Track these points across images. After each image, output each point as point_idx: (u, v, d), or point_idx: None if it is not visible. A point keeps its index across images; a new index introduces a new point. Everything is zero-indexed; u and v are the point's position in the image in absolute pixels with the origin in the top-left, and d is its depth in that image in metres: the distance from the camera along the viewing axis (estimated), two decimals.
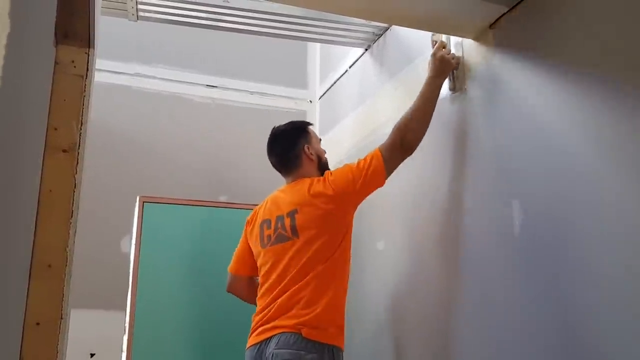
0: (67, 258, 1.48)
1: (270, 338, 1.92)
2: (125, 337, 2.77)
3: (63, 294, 1.47)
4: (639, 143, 1.33)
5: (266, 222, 2.12)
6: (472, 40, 2.01)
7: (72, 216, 1.52)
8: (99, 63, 1.87)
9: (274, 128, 2.23)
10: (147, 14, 2.49)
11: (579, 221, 1.48)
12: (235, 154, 3.20)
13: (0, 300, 0.57)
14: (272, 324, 1.94)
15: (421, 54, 2.32)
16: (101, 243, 2.83)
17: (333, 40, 2.84)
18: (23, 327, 1.35)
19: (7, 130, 0.48)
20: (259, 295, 2.08)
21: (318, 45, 3.52)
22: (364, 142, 2.74)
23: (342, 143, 3.00)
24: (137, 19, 2.49)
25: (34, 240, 1.40)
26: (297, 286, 1.93)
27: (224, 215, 3.08)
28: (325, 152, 2.28)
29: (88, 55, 1.61)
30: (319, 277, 1.93)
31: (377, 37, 2.74)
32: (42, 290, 1.43)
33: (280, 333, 1.89)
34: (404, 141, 1.96)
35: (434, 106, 1.98)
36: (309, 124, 2.28)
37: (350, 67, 3.03)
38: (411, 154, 1.99)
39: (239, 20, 2.58)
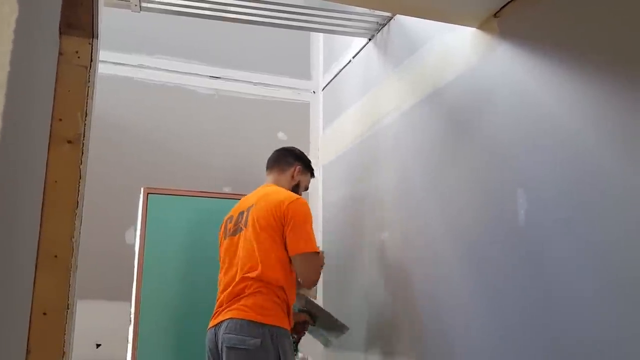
0: (73, 248, 1.49)
1: (221, 323, 2.13)
2: (131, 328, 2.79)
3: (69, 284, 1.48)
4: None
5: (230, 218, 2.43)
6: (476, 29, 2.00)
7: (77, 207, 1.52)
8: (102, 54, 1.87)
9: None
10: (149, 5, 2.48)
11: (585, 210, 1.47)
12: (239, 145, 3.19)
13: (7, 290, 0.57)
14: (224, 310, 2.15)
15: (425, 43, 2.31)
16: (106, 234, 2.83)
17: (336, 30, 2.83)
18: (30, 317, 1.35)
19: (14, 120, 0.47)
20: (218, 280, 2.32)
21: (321, 35, 3.50)
22: (368, 132, 2.74)
23: (346, 134, 3.00)
24: (140, 10, 2.49)
25: (40, 230, 1.40)
26: (243, 275, 2.15)
27: (228, 206, 3.07)
28: (306, 190, 2.56)
29: (92, 45, 1.61)
30: (268, 267, 2.14)
31: (381, 26, 2.73)
32: (49, 280, 1.43)
33: (229, 319, 2.10)
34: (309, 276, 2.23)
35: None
36: (313, 172, 2.59)
37: (353, 57, 3.01)
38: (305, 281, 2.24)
39: (242, 11, 2.57)
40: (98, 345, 2.75)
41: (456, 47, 2.10)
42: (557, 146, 1.58)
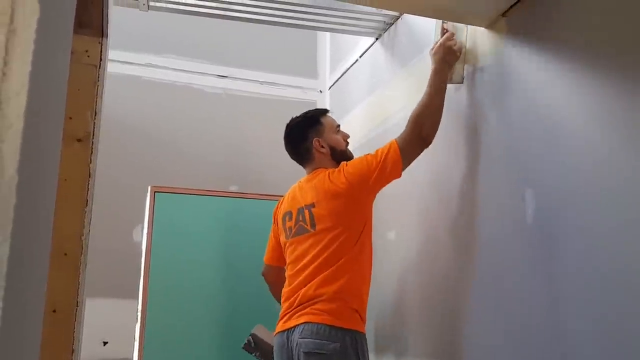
0: (82, 246, 1.50)
1: (295, 327, 2.00)
2: (138, 326, 2.80)
3: (79, 282, 1.49)
4: None
5: (287, 214, 2.20)
6: (485, 29, 1.99)
7: (87, 205, 1.54)
8: (111, 53, 1.88)
9: (290, 120, 2.28)
10: (157, 4, 2.49)
11: (593, 210, 1.47)
12: (245, 144, 3.20)
13: (25, 288, 0.58)
14: (296, 313, 2.02)
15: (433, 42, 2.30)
16: (113, 232, 2.85)
17: (343, 30, 2.83)
18: None
19: (35, 118, 0.48)
20: (285, 283, 2.16)
21: (328, 34, 3.51)
22: (375, 132, 2.74)
23: (353, 133, 2.98)
24: (148, 9, 2.50)
25: None
26: (319, 277, 2.00)
27: (234, 205, 3.09)
28: (348, 137, 2.29)
29: (101, 44, 1.62)
30: (340, 268, 1.99)
31: (388, 25, 2.73)
32: (59, 278, 1.45)
33: (304, 323, 1.97)
34: (422, 132, 1.97)
35: (444, 96, 2.00)
36: (323, 113, 2.29)
37: (360, 56, 3.02)
38: (429, 145, 2.00)
39: (249, 10, 2.57)
40: (105, 343, 2.76)
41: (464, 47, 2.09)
42: (566, 146, 1.58)
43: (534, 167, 1.69)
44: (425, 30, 2.38)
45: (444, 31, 2.06)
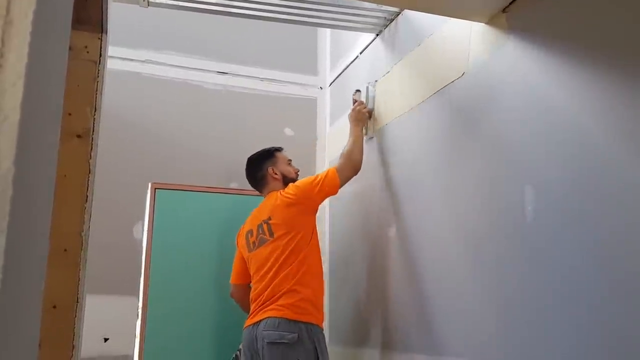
0: (82, 242, 1.50)
1: (260, 321, 2.38)
2: (139, 322, 2.81)
3: (79, 278, 1.49)
4: None
5: (249, 232, 2.61)
6: (485, 25, 1.99)
7: (86, 201, 1.54)
8: (110, 49, 1.87)
9: (250, 155, 2.77)
10: (157, 0, 2.48)
11: (594, 208, 1.47)
12: (245, 140, 3.19)
13: (24, 284, 0.57)
14: (262, 310, 2.40)
15: (430, 34, 2.30)
16: (114, 229, 2.85)
17: (344, 26, 2.83)
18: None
19: (32, 111, 0.48)
20: (252, 290, 2.53)
21: (328, 31, 3.50)
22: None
23: None
24: (148, 5, 2.49)
25: (50, 225, 1.41)
26: (280, 276, 2.40)
27: (234, 201, 3.10)
28: (298, 171, 2.77)
29: (101, 40, 1.62)
30: (296, 266, 2.40)
31: (389, 22, 2.72)
32: (58, 274, 1.45)
33: (267, 317, 2.36)
34: (352, 162, 2.56)
35: (362, 143, 2.64)
36: (278, 149, 2.78)
37: (361, 53, 3.01)
38: (358, 172, 2.58)
39: (250, 6, 2.56)
40: (106, 340, 2.77)
41: (464, 42, 2.09)
42: (566, 142, 1.57)
43: (535, 164, 1.68)
44: (426, 26, 2.38)
45: (354, 101, 2.75)
